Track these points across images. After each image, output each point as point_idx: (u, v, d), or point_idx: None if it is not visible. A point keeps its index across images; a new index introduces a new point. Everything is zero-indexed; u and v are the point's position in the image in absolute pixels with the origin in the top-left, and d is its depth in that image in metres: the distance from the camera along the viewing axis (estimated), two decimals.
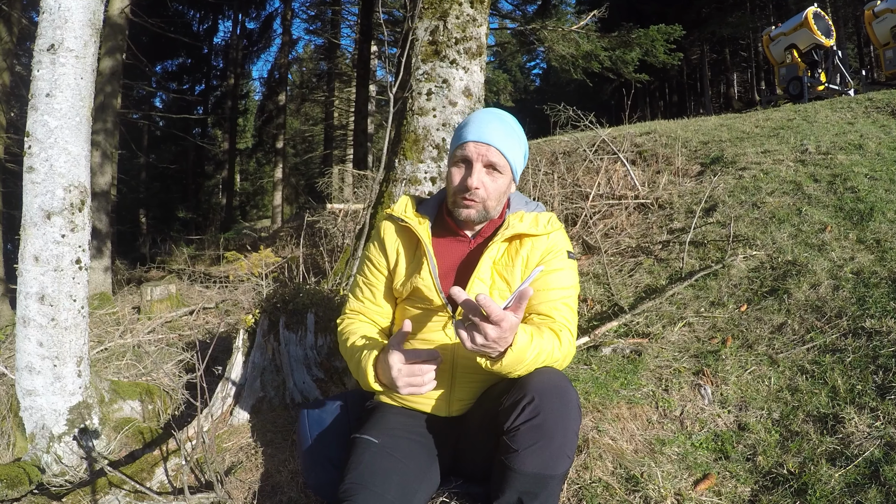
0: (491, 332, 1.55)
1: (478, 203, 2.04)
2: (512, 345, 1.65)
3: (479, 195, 2.02)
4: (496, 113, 2.10)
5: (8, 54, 9.93)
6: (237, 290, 6.71)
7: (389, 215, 2.26)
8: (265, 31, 30.92)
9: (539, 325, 1.94)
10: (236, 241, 17.16)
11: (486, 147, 2.00)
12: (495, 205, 2.08)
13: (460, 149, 2.04)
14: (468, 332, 1.60)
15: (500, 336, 1.57)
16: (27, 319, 2.81)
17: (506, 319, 1.56)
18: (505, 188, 2.09)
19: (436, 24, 4.26)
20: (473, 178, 2.00)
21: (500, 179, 2.05)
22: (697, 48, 34.19)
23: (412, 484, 1.88)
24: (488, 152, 2.00)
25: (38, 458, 2.84)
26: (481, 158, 2.01)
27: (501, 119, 2.07)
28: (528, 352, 1.70)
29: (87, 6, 2.86)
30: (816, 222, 4.85)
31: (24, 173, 2.78)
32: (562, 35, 13.12)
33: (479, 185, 2.00)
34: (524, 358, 1.70)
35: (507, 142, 2.04)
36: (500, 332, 1.56)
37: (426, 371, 1.78)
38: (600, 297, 4.76)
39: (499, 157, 2.01)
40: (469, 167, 2.03)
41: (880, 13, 15.61)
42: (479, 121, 2.05)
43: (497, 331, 1.56)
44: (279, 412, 3.10)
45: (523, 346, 1.68)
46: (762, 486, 2.38)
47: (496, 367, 1.69)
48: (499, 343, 1.60)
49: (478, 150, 2.00)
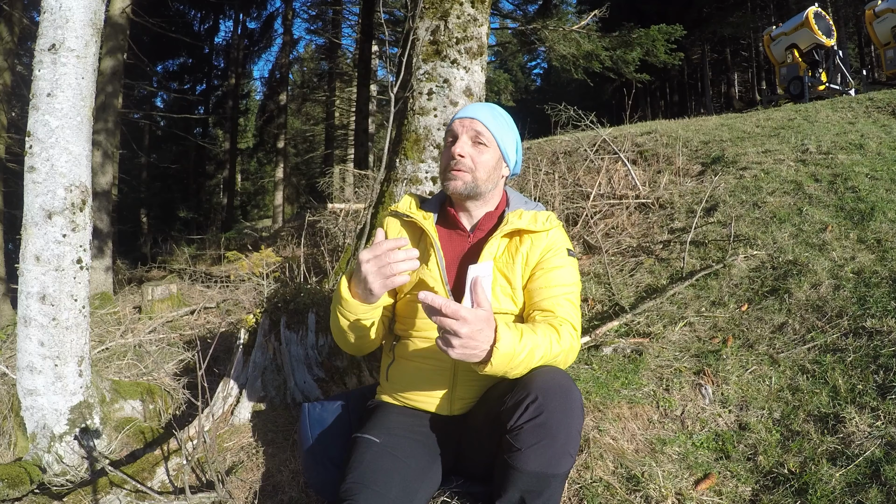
0: (460, 328, 1.56)
1: (465, 173, 2.08)
2: (496, 343, 1.64)
3: (464, 164, 2.07)
4: (485, 102, 2.23)
5: (9, 54, 9.94)
6: (238, 290, 6.71)
7: (394, 212, 2.29)
8: (266, 31, 30.95)
9: (535, 322, 1.95)
10: (237, 241, 17.16)
11: (469, 120, 2.11)
12: (485, 179, 2.12)
13: (448, 130, 2.16)
14: (444, 340, 1.61)
15: (473, 331, 1.58)
16: (28, 319, 2.81)
17: (469, 312, 1.57)
18: (493, 164, 2.13)
19: (437, 24, 4.26)
20: (457, 146, 2.08)
21: (487, 153, 2.11)
22: (698, 48, 34.16)
23: (413, 483, 1.88)
24: (472, 124, 2.10)
25: (39, 457, 2.85)
26: (466, 130, 2.10)
27: (487, 105, 2.18)
28: (517, 349, 1.69)
29: (88, 6, 2.86)
30: (817, 222, 4.85)
31: (26, 173, 2.79)
32: (563, 35, 13.10)
33: (463, 153, 2.07)
34: (515, 356, 1.69)
35: (493, 121, 2.13)
36: (470, 327, 1.57)
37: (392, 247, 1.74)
38: (601, 297, 4.76)
39: (483, 128, 2.10)
40: (454, 140, 2.12)
41: (881, 13, 15.59)
42: (467, 105, 2.19)
43: (466, 326, 1.56)
44: (280, 412, 3.10)
45: (510, 343, 1.67)
46: (763, 485, 2.38)
47: (489, 370, 1.68)
48: (476, 339, 1.60)
49: (462, 124, 2.11)
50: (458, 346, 1.59)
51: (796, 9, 24.41)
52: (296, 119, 38.93)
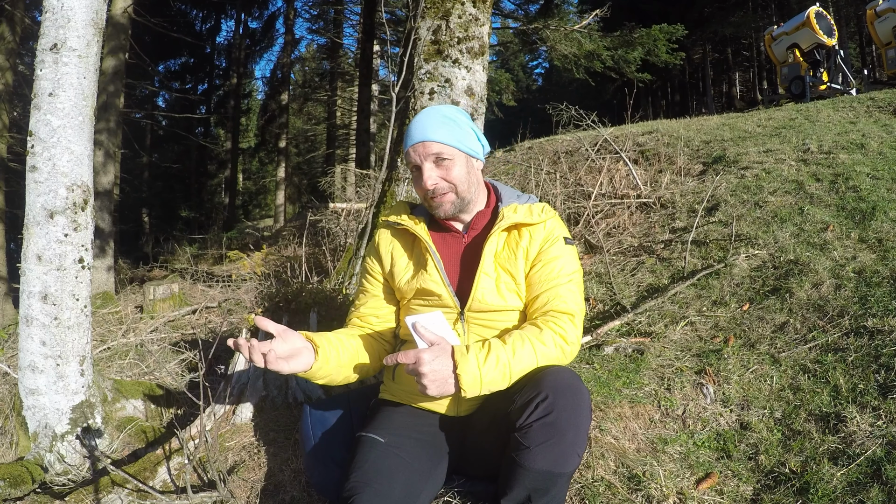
0: (420, 368, 1.69)
1: (445, 195, 2.09)
2: (456, 370, 1.72)
3: (441, 188, 2.07)
4: (425, 112, 2.15)
5: (11, 54, 9.95)
6: (240, 290, 6.70)
7: (385, 221, 2.32)
8: (268, 31, 30.98)
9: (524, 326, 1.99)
10: (239, 241, 17.19)
11: (421, 145, 2.07)
12: (467, 189, 2.12)
13: (408, 159, 2.13)
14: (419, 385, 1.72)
15: (433, 367, 1.70)
16: (30, 318, 2.81)
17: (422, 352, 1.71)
18: (466, 172, 2.12)
19: (438, 24, 4.26)
20: (425, 179, 2.06)
21: (455, 167, 2.09)
22: (700, 48, 34.13)
23: (417, 483, 1.88)
24: (425, 148, 2.06)
25: (41, 457, 2.85)
26: (423, 157, 2.07)
27: (429, 114, 2.12)
28: (483, 370, 1.75)
29: (89, 5, 2.86)
30: (818, 221, 4.85)
31: (27, 172, 2.79)
32: (564, 34, 13.08)
33: (434, 182, 2.06)
34: (483, 375, 1.75)
35: (441, 130, 2.08)
36: (428, 365, 1.69)
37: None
38: (602, 297, 4.75)
39: (438, 147, 2.06)
40: (419, 171, 2.10)
41: (882, 12, 15.57)
42: (411, 127, 2.12)
43: (424, 365, 1.69)
44: (282, 411, 3.10)
45: (472, 366, 1.74)
46: (764, 485, 2.38)
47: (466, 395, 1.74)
48: (439, 372, 1.71)
49: (416, 152, 2.08)
50: (429, 384, 1.70)
51: (797, 8, 24.34)
52: (297, 119, 38.93)
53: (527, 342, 1.84)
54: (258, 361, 1.82)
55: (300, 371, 1.94)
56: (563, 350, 1.91)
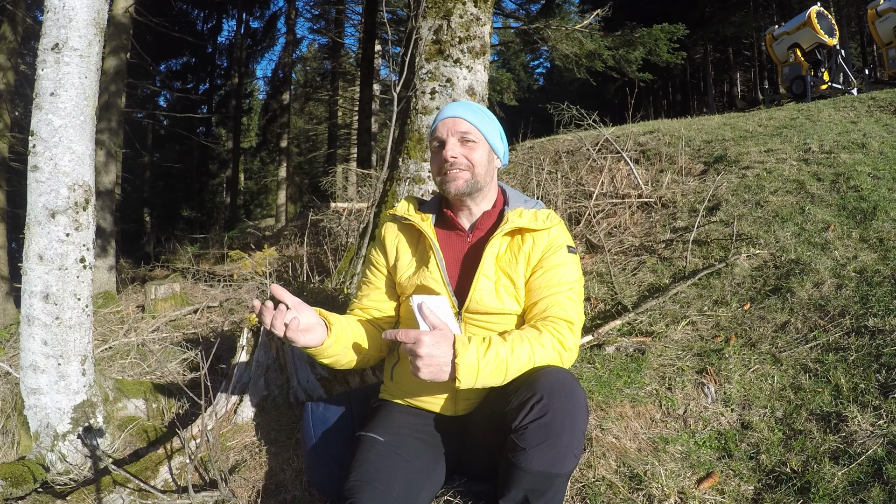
0: (418, 349, 1.69)
1: (464, 171, 2.10)
2: (456, 358, 1.71)
3: (460, 163, 2.09)
4: (461, 101, 2.23)
5: (12, 53, 9.97)
6: (241, 289, 6.71)
7: (392, 215, 2.32)
8: (269, 31, 31.01)
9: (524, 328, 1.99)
10: (240, 240, 17.19)
11: (452, 120, 2.11)
12: (483, 174, 2.15)
13: (433, 136, 2.17)
14: (412, 365, 1.71)
15: (431, 350, 1.69)
16: (31, 318, 2.81)
17: (423, 333, 1.71)
18: (486, 158, 2.16)
19: (439, 24, 4.26)
20: (447, 149, 2.09)
21: (478, 149, 2.13)
22: (701, 47, 34.12)
23: (417, 482, 1.88)
24: (455, 124, 2.11)
25: (42, 456, 2.85)
26: (451, 132, 2.11)
27: (466, 103, 2.19)
28: (482, 362, 1.74)
29: (91, 5, 2.86)
30: (819, 221, 4.84)
31: (29, 172, 2.79)
32: (565, 34, 13.08)
33: (455, 155, 2.08)
34: (482, 368, 1.74)
35: (475, 116, 2.14)
36: (427, 348, 1.69)
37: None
38: (604, 296, 4.75)
39: (467, 125, 2.11)
40: (441, 145, 2.13)
41: (883, 12, 15.55)
42: (445, 107, 2.19)
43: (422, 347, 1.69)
44: (283, 411, 3.10)
45: (472, 356, 1.73)
46: (765, 484, 2.38)
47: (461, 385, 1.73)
48: (436, 356, 1.70)
49: (446, 126, 2.12)
50: (423, 366, 1.69)
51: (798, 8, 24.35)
52: (299, 118, 38.99)
53: (525, 342, 1.84)
54: (279, 329, 1.82)
55: (312, 345, 1.94)
56: (560, 354, 1.90)
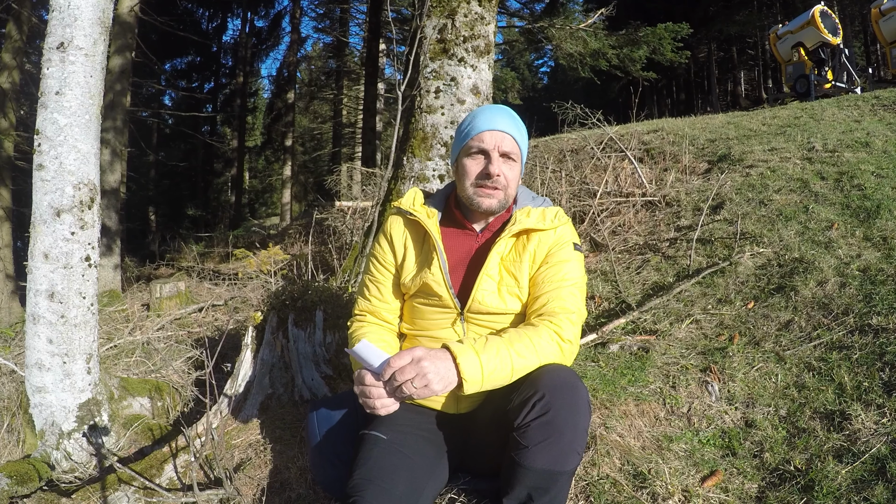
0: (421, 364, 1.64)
1: (499, 191, 2.08)
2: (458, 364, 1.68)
3: (500, 182, 2.06)
4: (501, 106, 2.18)
5: (18, 52, 9.98)
6: (246, 288, 6.73)
7: (398, 209, 2.27)
8: (274, 29, 31.06)
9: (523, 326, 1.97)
10: (245, 239, 17.19)
11: (501, 135, 2.06)
12: (513, 192, 2.15)
13: (475, 140, 2.08)
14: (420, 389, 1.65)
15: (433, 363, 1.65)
16: (37, 317, 2.83)
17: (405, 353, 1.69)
18: (518, 176, 2.16)
19: (444, 23, 4.26)
20: (495, 166, 2.05)
21: (515, 167, 2.12)
22: (705, 46, 34.03)
23: (420, 480, 1.88)
24: (503, 141, 2.06)
25: (47, 454, 2.87)
26: (498, 148, 2.06)
27: (508, 111, 2.15)
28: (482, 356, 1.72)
29: (96, 4, 2.87)
30: (823, 220, 4.84)
31: (34, 171, 2.80)
32: (569, 33, 13.06)
33: (500, 173, 2.05)
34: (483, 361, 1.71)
35: (518, 132, 2.12)
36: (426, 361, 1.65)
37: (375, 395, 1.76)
38: (608, 295, 4.75)
39: (513, 145, 2.08)
40: (487, 156, 2.08)
41: (887, 11, 15.52)
42: (490, 112, 2.12)
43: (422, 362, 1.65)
44: (288, 409, 3.11)
45: (470, 354, 1.71)
46: (769, 482, 2.39)
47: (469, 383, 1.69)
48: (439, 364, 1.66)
49: (494, 139, 2.06)
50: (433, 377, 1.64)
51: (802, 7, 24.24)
52: (303, 117, 39.00)
53: (524, 337, 1.83)
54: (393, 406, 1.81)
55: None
56: (559, 346, 1.88)
